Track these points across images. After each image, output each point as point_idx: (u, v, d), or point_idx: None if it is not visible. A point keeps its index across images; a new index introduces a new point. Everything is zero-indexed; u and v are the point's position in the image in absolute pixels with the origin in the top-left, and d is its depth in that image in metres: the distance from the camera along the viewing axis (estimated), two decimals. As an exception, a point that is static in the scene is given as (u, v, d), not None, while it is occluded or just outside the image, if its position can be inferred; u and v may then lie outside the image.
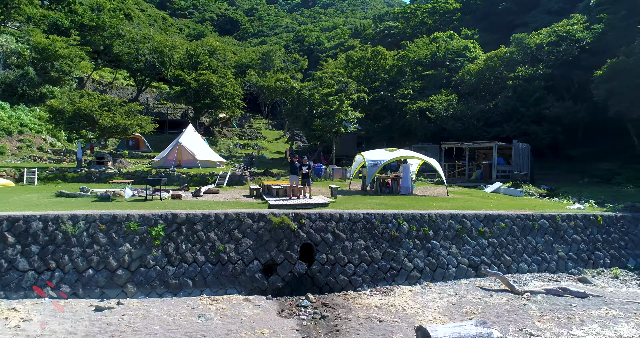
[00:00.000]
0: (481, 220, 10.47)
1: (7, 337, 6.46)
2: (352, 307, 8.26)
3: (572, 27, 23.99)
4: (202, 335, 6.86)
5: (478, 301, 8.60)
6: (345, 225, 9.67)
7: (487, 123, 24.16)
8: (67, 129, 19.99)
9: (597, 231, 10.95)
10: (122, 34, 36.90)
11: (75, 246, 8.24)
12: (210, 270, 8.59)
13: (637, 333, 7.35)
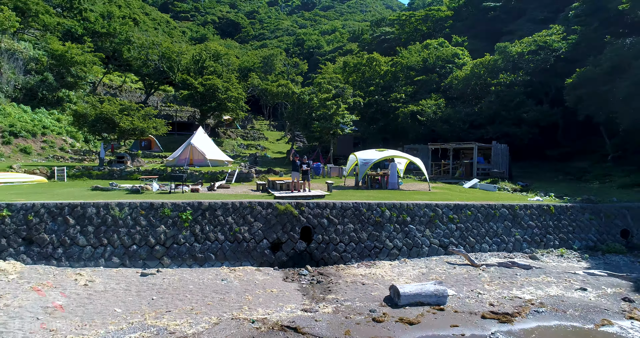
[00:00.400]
0: (451, 208, 12.58)
1: (80, 291, 8.57)
2: (341, 275, 10.37)
3: (550, 37, 26.12)
4: (225, 291, 8.98)
5: (443, 272, 10.72)
6: (338, 212, 11.78)
7: (473, 125, 26.28)
8: (90, 131, 22.11)
9: (549, 219, 13.05)
10: (131, 40, 39.06)
11: (122, 227, 10.36)
12: (228, 247, 10.70)
13: (562, 293, 9.47)
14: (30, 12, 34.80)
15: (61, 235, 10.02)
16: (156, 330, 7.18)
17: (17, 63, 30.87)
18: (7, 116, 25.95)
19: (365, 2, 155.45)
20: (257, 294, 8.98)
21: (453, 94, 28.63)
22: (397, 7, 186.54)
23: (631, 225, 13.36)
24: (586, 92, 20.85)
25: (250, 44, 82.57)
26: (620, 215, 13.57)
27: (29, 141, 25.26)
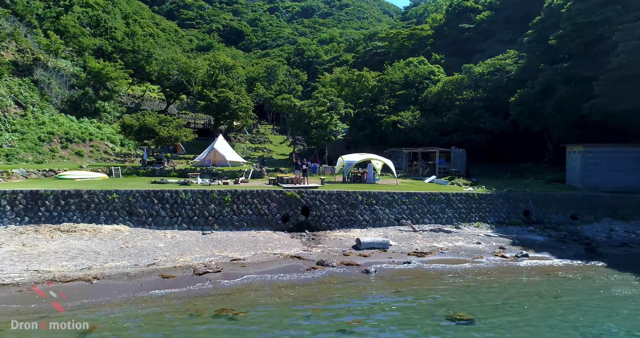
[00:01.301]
0: (404, 195, 18.35)
1: (170, 240, 14.34)
2: (328, 236, 16.15)
3: (505, 61, 31.90)
4: (255, 242, 14.76)
5: (394, 234, 16.50)
6: (327, 197, 17.54)
7: (442, 133, 32.08)
8: (135, 139, 27.90)
9: (473, 202, 18.81)
10: (153, 56, 44.86)
11: (187, 205, 16.13)
12: (255, 218, 16.49)
13: (463, 244, 15.25)
14: (68, 34, 40.57)
15: (150, 209, 15.81)
16: (222, 256, 12.99)
17: (62, 79, 36.66)
18: (61, 125, 31.73)
19: (362, 8, 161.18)
20: (275, 243, 14.77)
21: (428, 106, 34.41)
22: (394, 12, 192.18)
23: (532, 207, 19.12)
24: (524, 108, 26.63)
25: (253, 53, 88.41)
26: (525, 200, 19.34)
27: (80, 146, 31.06)
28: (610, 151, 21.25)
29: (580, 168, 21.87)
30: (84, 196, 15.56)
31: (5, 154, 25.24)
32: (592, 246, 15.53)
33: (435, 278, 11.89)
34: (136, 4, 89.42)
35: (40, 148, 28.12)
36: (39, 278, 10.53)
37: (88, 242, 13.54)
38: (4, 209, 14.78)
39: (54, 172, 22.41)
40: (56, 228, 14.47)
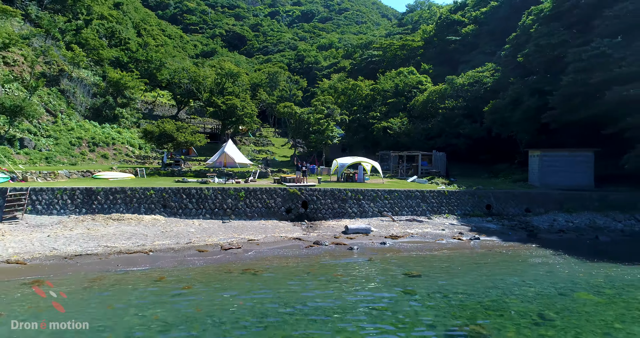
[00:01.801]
0: (386, 192, 22.21)
1: (197, 227, 18.20)
2: (323, 224, 20.00)
3: (483, 74, 35.76)
4: (265, 228, 18.62)
5: (376, 223, 20.34)
6: (322, 193, 21.39)
7: (427, 137, 35.94)
8: (156, 143, 31.77)
9: (444, 198, 22.67)
10: (165, 65, 48.77)
11: (209, 199, 20.00)
12: (264, 210, 20.36)
13: (430, 231, 19.09)
14: (89, 46, 44.41)
15: (180, 203, 19.69)
16: (240, 238, 16.87)
17: (85, 88, 40.53)
18: (87, 131, 35.60)
19: (361, 12, 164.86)
20: (280, 230, 18.64)
21: (415, 113, 38.27)
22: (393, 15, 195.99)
23: (493, 202, 22.98)
24: (497, 117, 30.47)
25: (256, 58, 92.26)
26: (488, 196, 23.20)
27: (105, 149, 34.94)
28: (563, 155, 25.11)
29: (538, 170, 25.73)
30: (127, 192, 19.45)
31: (45, 157, 29.09)
32: (534, 232, 19.42)
33: (402, 252, 15.76)
34: (143, 11, 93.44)
35: (72, 151, 32.00)
36: (111, 251, 14.43)
37: (135, 227, 17.42)
38: (65, 202, 18.66)
39: (90, 173, 26.28)
40: (108, 217, 18.34)
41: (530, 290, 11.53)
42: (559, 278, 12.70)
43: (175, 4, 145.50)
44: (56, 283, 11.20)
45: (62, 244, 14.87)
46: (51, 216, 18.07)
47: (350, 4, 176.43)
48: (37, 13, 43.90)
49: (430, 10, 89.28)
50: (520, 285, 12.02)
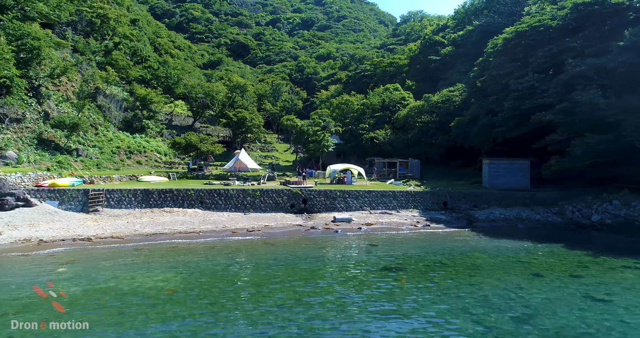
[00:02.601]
0: (366, 192, 29.23)
1: (226, 218, 25.23)
2: (317, 215, 27.03)
3: (453, 93, 42.77)
4: (275, 219, 25.66)
5: (357, 215, 27.35)
6: (318, 193, 28.43)
7: (406, 146, 42.96)
8: (183, 152, 38.77)
9: (410, 196, 29.67)
10: (182, 80, 55.80)
11: (233, 197, 27.05)
12: (274, 206, 27.41)
13: (395, 220, 26.12)
14: (118, 66, 51.42)
15: (212, 199, 26.72)
16: (258, 224, 23.93)
17: (117, 103, 47.56)
18: (123, 141, 42.63)
19: (359, 20, 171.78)
20: (286, 219, 25.69)
21: (398, 126, 45.28)
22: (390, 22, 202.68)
23: (448, 199, 29.97)
24: (460, 131, 37.49)
25: (259, 68, 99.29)
26: (445, 195, 30.20)
27: (138, 156, 41.98)
28: (505, 163, 32.14)
29: (487, 174, 32.76)
30: (174, 192, 26.51)
31: (95, 164, 36.12)
32: (472, 221, 26.46)
33: (371, 234, 22.79)
34: (154, 23, 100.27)
35: (114, 158, 39.04)
36: (174, 231, 21.46)
37: (183, 217, 24.47)
38: (130, 199, 25.70)
39: (135, 177, 33.33)
40: (162, 210, 25.39)
41: (445, 252, 18.53)
42: (468, 247, 19.73)
43: (181, 12, 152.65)
44: (149, 249, 18.23)
45: (139, 227, 21.92)
46: (121, 209, 25.14)
47: (348, 11, 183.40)
48: (73, 37, 50.91)
49: (421, 23, 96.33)
50: (439, 250, 19.04)
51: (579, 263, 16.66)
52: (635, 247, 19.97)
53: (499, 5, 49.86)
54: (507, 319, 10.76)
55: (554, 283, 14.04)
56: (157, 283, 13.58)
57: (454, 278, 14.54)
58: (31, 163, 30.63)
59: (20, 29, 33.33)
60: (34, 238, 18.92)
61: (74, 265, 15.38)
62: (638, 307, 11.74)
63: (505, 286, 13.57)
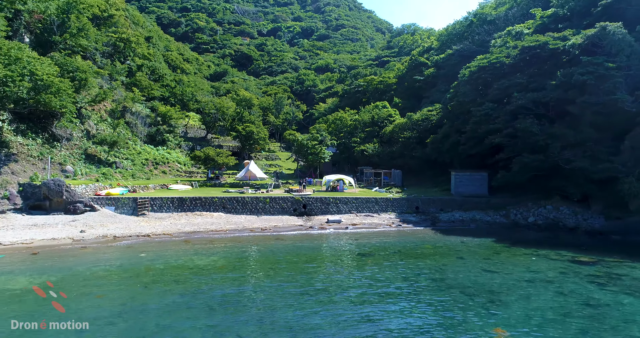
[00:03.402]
0: (354, 198, 36.58)
1: (245, 220, 32.58)
2: (314, 218, 34.38)
3: (431, 112, 50.09)
4: (282, 220, 33.02)
5: (346, 217, 34.69)
6: (315, 199, 35.79)
7: (392, 158, 50.30)
8: (201, 164, 46.08)
9: (389, 202, 36.99)
10: (195, 97, 63.12)
11: (248, 203, 34.42)
12: (280, 210, 34.78)
13: (377, 221, 33.49)
14: (141, 85, 58.74)
15: (232, 205, 34.08)
16: (269, 225, 31.31)
17: (142, 120, 54.86)
18: (149, 153, 49.92)
19: (357, 28, 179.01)
20: (290, 221, 33.05)
21: (384, 140, 52.63)
22: (387, 29, 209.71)
23: (420, 204, 37.30)
24: (434, 147, 44.82)
25: (262, 79, 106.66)
26: (417, 201, 37.53)
27: (163, 167, 49.31)
28: (467, 175, 39.48)
29: (454, 183, 40.10)
30: (202, 199, 33.84)
31: (131, 174, 43.42)
32: (435, 222, 33.79)
33: (356, 231, 30.11)
34: (164, 37, 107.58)
35: (144, 169, 46.36)
36: (207, 230, 28.80)
37: (211, 219, 31.79)
38: (169, 205, 33.03)
39: (166, 185, 40.66)
40: (194, 214, 32.72)
41: (405, 244, 25.85)
42: (423, 241, 27.06)
43: (186, 21, 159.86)
44: (194, 243, 25.55)
45: (180, 227, 29.26)
46: (163, 213, 32.47)
47: (347, 19, 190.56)
48: (101, 60, 58.22)
49: (413, 38, 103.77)
50: (401, 243, 26.37)
51: (495, 251, 24.01)
52: (547, 241, 27.32)
53: (474, 34, 57.23)
54: (426, 280, 18.09)
55: (469, 262, 21.36)
56: (209, 263, 20.91)
57: (403, 259, 21.90)
58: (83, 175, 37.99)
59: (71, 64, 40.62)
60: (109, 235, 26.26)
61: (149, 252, 22.70)
62: (513, 273, 19.02)
63: (435, 264, 20.92)
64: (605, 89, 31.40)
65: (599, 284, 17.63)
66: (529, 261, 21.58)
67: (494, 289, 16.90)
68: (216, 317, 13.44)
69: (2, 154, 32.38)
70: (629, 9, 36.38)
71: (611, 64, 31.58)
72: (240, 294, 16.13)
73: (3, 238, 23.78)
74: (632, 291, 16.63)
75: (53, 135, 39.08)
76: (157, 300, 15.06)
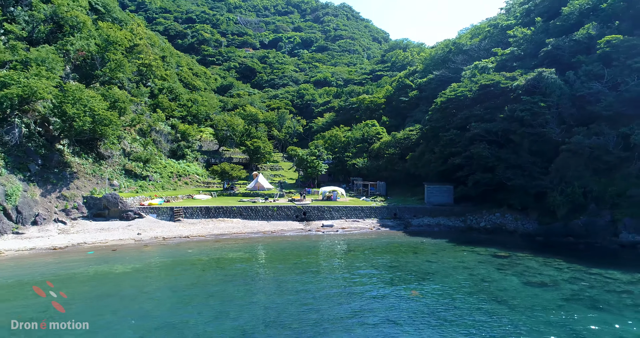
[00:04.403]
0: (344, 207, 45.64)
1: (258, 224, 41.67)
2: (312, 222, 43.45)
3: (412, 132, 59.13)
4: (287, 225, 42.07)
5: (338, 222, 43.76)
6: (313, 207, 44.85)
7: (378, 170, 59.40)
8: (218, 177, 55.14)
9: (373, 210, 46.02)
10: (210, 115, 72.18)
11: (260, 211, 43.50)
12: (285, 216, 43.87)
13: (362, 225, 42.61)
14: (162, 106, 67.74)
15: (247, 213, 43.15)
16: (277, 229, 40.42)
17: (165, 137, 63.90)
18: (173, 166, 58.95)
19: (354, 38, 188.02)
20: (293, 225, 42.13)
21: (372, 155, 61.69)
22: (383, 39, 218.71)
23: (397, 211, 46.32)
24: (412, 163, 53.89)
25: (265, 92, 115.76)
26: (395, 209, 46.56)
27: (185, 179, 58.35)
28: (437, 187, 48.56)
29: (427, 194, 49.18)
30: (223, 208, 42.90)
31: (161, 186, 52.45)
32: (408, 226, 42.83)
33: (345, 233, 39.17)
34: (175, 53, 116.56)
35: (170, 181, 55.40)
36: (231, 232, 37.86)
37: (232, 224, 40.86)
38: (198, 213, 42.09)
39: (191, 195, 49.70)
40: (218, 220, 41.78)
41: (379, 243, 34.85)
42: (393, 241, 36.06)
43: (192, 33, 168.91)
44: (223, 242, 34.60)
45: (209, 230, 38.30)
46: (194, 219, 41.52)
47: (344, 29, 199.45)
48: (128, 84, 67.25)
49: (404, 54, 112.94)
50: (375, 242, 35.40)
51: (442, 248, 33.05)
52: (486, 241, 36.31)
53: (450, 62, 66.35)
54: (385, 266, 27.12)
55: (419, 256, 30.36)
56: (237, 256, 29.95)
57: (374, 254, 30.97)
58: (125, 187, 47.08)
59: (113, 95, 49.62)
60: (159, 236, 35.32)
61: (193, 249, 31.73)
62: (446, 263, 28.00)
63: (395, 257, 29.96)
64: (538, 122, 40.58)
65: (500, 269, 26.68)
66: (462, 255, 30.65)
67: (428, 272, 25.96)
68: (253, 285, 22.56)
69: (67, 173, 41.46)
70: (564, 55, 45.54)
71: (543, 104, 40.72)
72: (263, 273, 25.24)
73: (86, 238, 32.89)
74: (518, 274, 25.66)
75: (99, 154, 48.19)
76: (211, 276, 24.20)
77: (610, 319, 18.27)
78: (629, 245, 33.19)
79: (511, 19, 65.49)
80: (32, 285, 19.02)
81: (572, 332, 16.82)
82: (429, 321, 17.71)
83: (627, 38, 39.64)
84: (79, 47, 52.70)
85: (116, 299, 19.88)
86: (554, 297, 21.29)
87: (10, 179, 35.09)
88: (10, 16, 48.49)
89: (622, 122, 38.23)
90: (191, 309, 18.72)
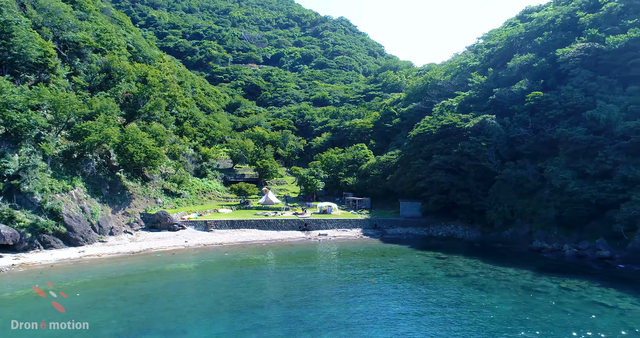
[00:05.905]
0: (336, 219, 59.26)
1: (270, 233, 55.36)
2: (312, 232, 57.06)
3: (392, 156, 72.67)
4: (292, 234, 55.69)
5: (331, 231, 57.36)
6: (312, 220, 58.47)
7: (365, 187, 73.04)
8: (237, 194, 68.75)
9: (358, 221, 59.57)
10: (226, 138, 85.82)
11: (272, 223, 57.16)
12: (290, 227, 57.52)
13: (348, 234, 56.27)
14: (187, 132, 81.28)
15: (262, 224, 56.79)
16: (285, 237, 54.09)
17: (190, 159, 77.45)
18: (198, 184, 72.52)
19: (351, 52, 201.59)
20: (297, 234, 55.77)
21: (361, 174, 75.30)
22: (378, 52, 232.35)
23: (377, 223, 59.84)
24: (391, 183, 67.46)
25: (269, 110, 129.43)
26: (375, 220, 60.13)
27: (208, 195, 71.95)
28: (409, 203, 62.16)
29: (401, 208, 62.78)
30: (244, 221, 56.56)
31: (192, 202, 66.01)
32: (384, 235, 56.43)
33: (335, 241, 52.80)
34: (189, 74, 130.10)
35: (197, 197, 68.95)
36: (251, 240, 51.52)
37: (250, 234, 54.49)
38: (225, 225, 55.72)
39: (216, 210, 63.33)
40: (240, 230, 55.42)
41: (359, 249, 48.41)
42: (370, 247, 49.61)
43: (200, 49, 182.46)
44: (248, 248, 48.24)
45: (235, 238, 51.94)
46: (222, 230, 55.14)
47: (342, 43, 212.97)
48: (159, 114, 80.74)
49: (394, 76, 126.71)
50: (357, 247, 48.94)
51: (402, 252, 46.61)
52: (437, 246, 49.82)
53: (426, 96, 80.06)
54: (358, 264, 40.71)
55: (385, 258, 43.85)
56: (260, 257, 43.56)
57: (354, 256, 44.57)
58: (166, 204, 60.74)
59: (155, 131, 63.20)
60: (201, 243, 48.93)
61: (228, 252, 45.31)
62: (400, 262, 41.52)
63: (367, 258, 43.54)
64: (481, 157, 54.28)
65: (437, 267, 40.25)
66: (413, 256, 44.26)
67: (388, 268, 39.57)
68: (273, 275, 36.23)
69: (127, 194, 55.12)
70: (504, 103, 59.24)
71: (484, 143, 54.37)
72: (280, 268, 39.01)
73: (150, 245, 46.54)
74: (445, 269, 39.23)
75: (144, 177, 61.85)
76: (245, 270, 37.92)
77: (486, 296, 31.81)
78: (536, 250, 46.84)
79: (477, 60, 79.21)
80: (138, 276, 33.30)
81: (461, 302, 30.34)
82: (378, 296, 31.33)
83: (545, 95, 53.35)
84: (125, 89, 66.37)
85: (192, 284, 33.55)
86: (459, 283, 34.91)
87: (93, 202, 48.75)
88: (73, 69, 62.13)
89: (539, 159, 52.00)
90: (239, 290, 32.36)
